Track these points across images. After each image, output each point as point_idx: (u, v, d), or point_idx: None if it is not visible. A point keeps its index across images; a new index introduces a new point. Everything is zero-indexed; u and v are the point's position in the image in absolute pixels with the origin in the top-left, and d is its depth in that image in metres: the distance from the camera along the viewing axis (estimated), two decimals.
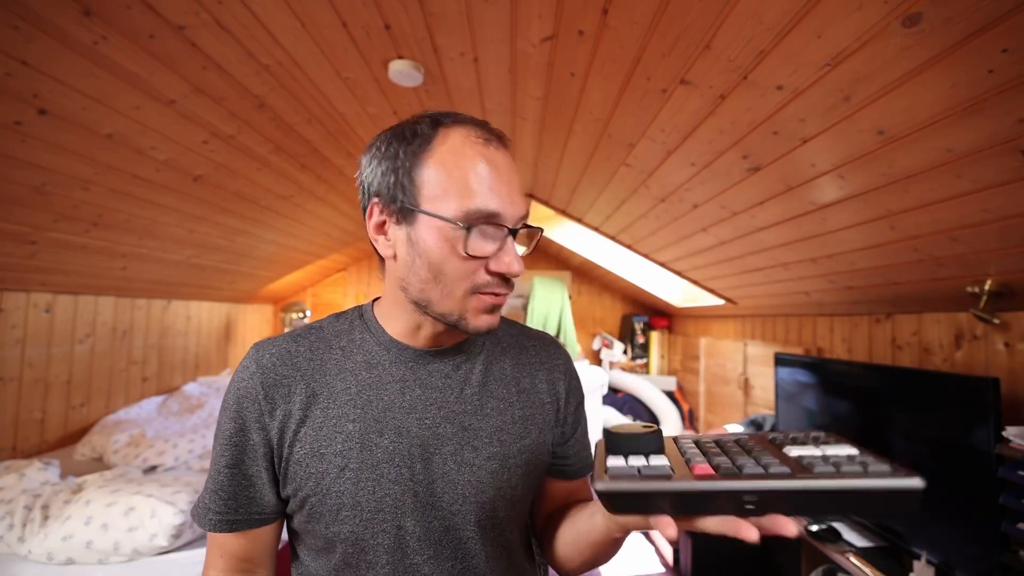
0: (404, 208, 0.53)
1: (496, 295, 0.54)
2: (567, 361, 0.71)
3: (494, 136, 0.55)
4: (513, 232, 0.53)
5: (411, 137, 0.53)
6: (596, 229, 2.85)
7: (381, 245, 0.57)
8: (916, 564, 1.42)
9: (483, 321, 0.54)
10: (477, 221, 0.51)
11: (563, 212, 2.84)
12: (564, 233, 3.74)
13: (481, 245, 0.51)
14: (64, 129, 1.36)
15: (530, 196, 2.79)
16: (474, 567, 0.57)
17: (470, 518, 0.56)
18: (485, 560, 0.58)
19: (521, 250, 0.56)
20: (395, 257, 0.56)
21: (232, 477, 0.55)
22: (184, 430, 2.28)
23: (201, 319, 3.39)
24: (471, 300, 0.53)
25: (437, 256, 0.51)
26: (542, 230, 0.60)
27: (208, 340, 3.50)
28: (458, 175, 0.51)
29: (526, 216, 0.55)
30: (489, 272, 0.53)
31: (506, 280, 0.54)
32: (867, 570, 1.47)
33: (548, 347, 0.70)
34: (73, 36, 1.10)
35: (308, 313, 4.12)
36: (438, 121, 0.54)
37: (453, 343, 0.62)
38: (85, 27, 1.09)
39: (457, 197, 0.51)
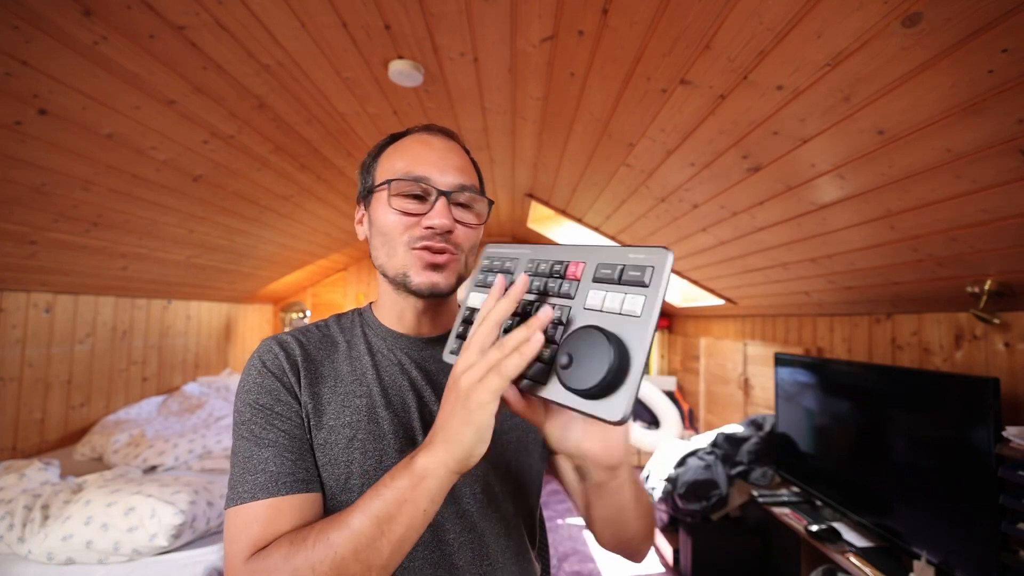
0: (365, 194, 0.65)
1: (432, 252, 0.59)
2: None
3: (436, 130, 0.65)
4: (446, 194, 0.59)
5: (379, 147, 0.66)
6: (596, 229, 2.85)
7: (359, 232, 0.68)
8: (916, 564, 1.42)
9: (424, 277, 0.59)
10: (403, 178, 0.59)
11: (563, 212, 2.84)
12: (564, 233, 3.74)
13: (408, 203, 0.60)
14: (64, 129, 1.36)
15: (530, 196, 2.79)
16: (475, 538, 0.59)
17: (466, 490, 0.60)
18: (485, 532, 0.60)
19: (469, 217, 0.62)
20: (367, 240, 0.66)
21: (292, 439, 0.55)
22: (184, 430, 2.28)
23: (201, 319, 3.39)
24: (411, 256, 0.60)
25: (380, 219, 0.61)
26: (491, 202, 0.66)
27: (208, 340, 3.50)
28: (397, 156, 0.62)
29: (469, 187, 0.62)
30: (424, 228, 0.59)
31: (441, 237, 0.59)
32: (867, 570, 1.47)
33: None
34: (73, 36, 1.10)
35: (308, 313, 4.12)
36: (404, 133, 0.66)
37: (440, 332, 0.68)
38: (85, 27, 1.09)
39: (394, 169, 0.61)
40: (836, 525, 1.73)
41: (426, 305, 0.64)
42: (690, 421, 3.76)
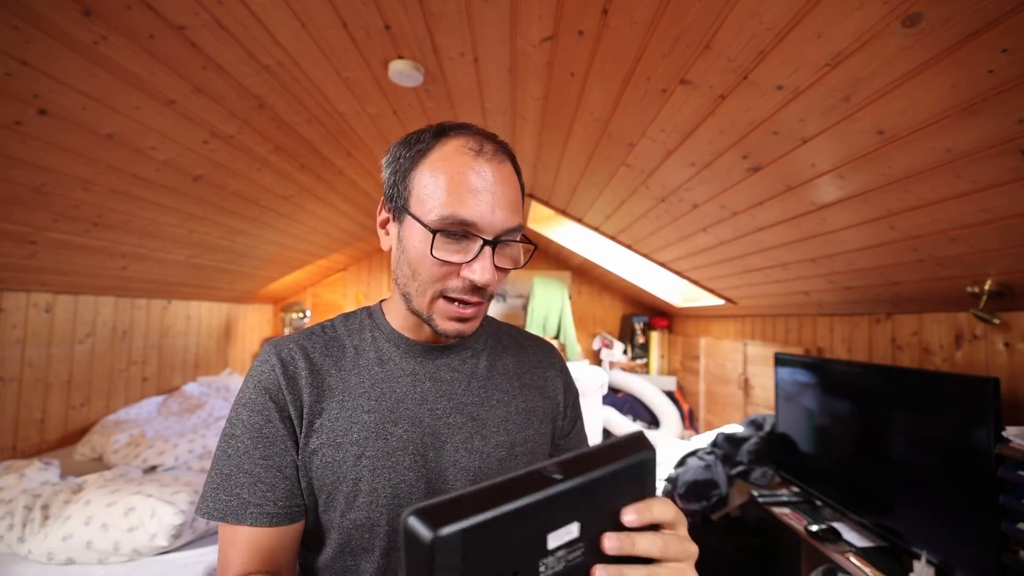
0: (398, 207, 0.57)
1: (464, 305, 0.56)
2: (561, 361, 0.77)
3: (488, 148, 0.56)
4: (492, 244, 0.54)
5: (413, 143, 0.57)
6: (596, 229, 2.85)
7: (382, 239, 0.62)
8: (916, 564, 1.42)
9: (450, 326, 0.57)
10: (450, 227, 0.52)
11: (563, 212, 2.84)
12: (564, 233, 3.74)
13: (450, 251, 0.53)
14: (64, 129, 1.36)
15: (530, 196, 2.79)
16: None
17: None
18: None
19: (508, 262, 0.57)
20: (391, 251, 0.61)
21: (268, 469, 0.55)
22: (184, 430, 2.28)
23: (201, 319, 3.39)
24: (439, 304, 0.56)
25: (415, 256, 0.55)
26: (535, 247, 0.61)
27: (208, 340, 3.50)
28: (442, 182, 0.53)
29: (516, 229, 0.56)
30: (461, 278, 0.55)
31: (478, 290, 0.55)
32: (867, 570, 1.47)
33: (544, 348, 0.76)
34: (73, 36, 1.10)
35: (308, 313, 4.11)
36: (443, 131, 0.57)
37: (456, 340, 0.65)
38: (85, 27, 1.09)
39: (438, 203, 0.53)
40: (836, 525, 1.73)
41: None
42: (690, 421, 3.76)
